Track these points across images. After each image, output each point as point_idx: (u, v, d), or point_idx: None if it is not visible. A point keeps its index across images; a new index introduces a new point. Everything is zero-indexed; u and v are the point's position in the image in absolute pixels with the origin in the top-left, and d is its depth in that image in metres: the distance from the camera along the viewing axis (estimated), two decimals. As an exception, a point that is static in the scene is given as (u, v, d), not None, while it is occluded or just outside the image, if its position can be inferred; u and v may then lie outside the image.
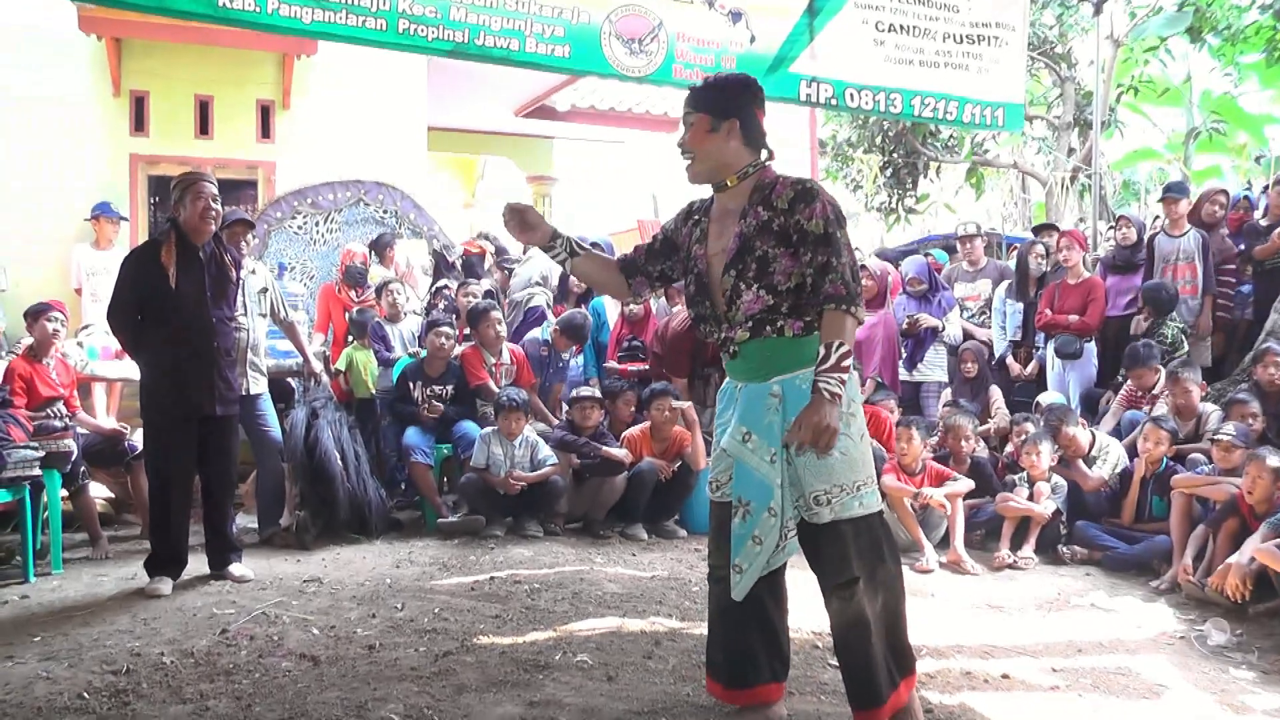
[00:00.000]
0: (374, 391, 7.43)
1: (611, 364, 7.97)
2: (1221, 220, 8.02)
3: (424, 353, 7.24)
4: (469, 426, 7.00)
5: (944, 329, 7.89)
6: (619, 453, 6.70)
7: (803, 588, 5.39)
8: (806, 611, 4.92)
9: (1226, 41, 12.36)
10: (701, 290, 3.28)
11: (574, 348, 7.79)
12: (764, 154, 3.27)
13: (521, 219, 3.50)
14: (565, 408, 7.33)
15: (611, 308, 8.26)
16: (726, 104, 3.24)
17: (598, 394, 7.09)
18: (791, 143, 9.33)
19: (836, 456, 3.02)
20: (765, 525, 3.11)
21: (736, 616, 3.38)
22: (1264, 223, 8.16)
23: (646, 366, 7.70)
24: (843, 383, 2.98)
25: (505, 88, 11.84)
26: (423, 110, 10.75)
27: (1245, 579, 4.93)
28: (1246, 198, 9.13)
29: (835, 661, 4.12)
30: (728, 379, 3.35)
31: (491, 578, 5.44)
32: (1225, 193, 8.36)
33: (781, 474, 3.09)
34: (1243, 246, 8.12)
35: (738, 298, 3.15)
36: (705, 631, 4.48)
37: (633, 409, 7.17)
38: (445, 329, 7.10)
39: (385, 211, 9.79)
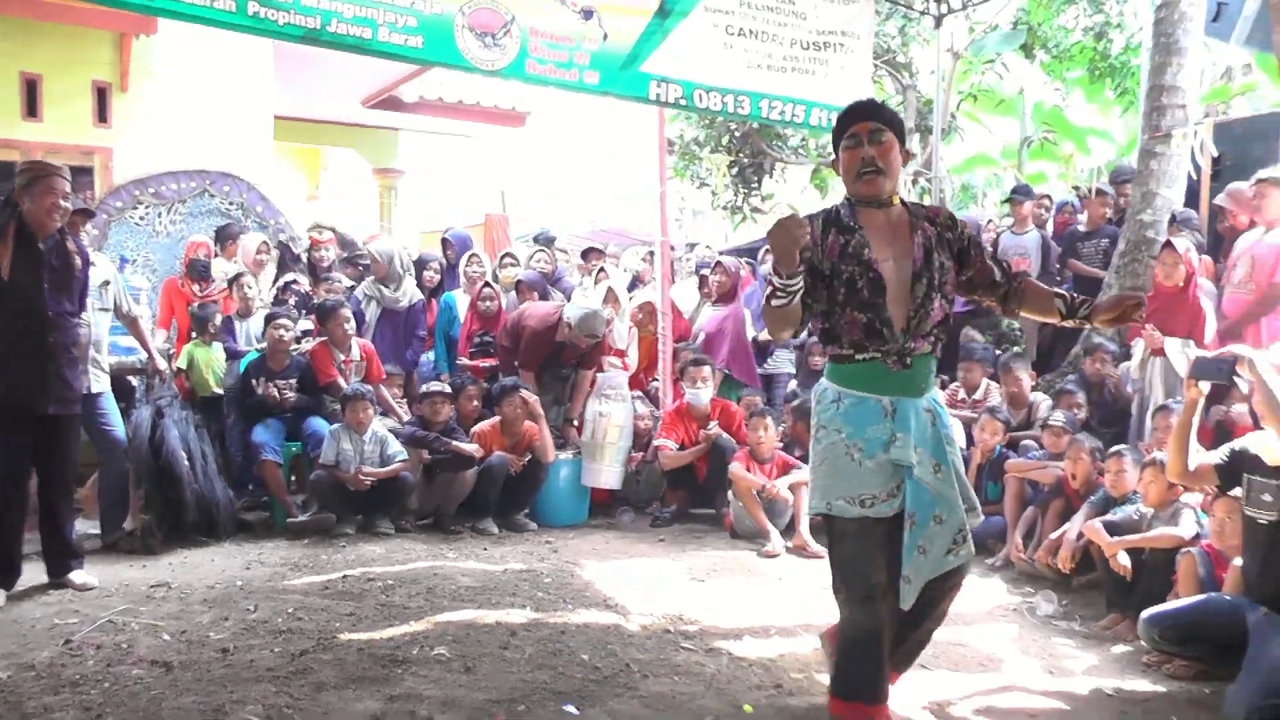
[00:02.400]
0: (220, 389, 7.22)
1: (463, 360, 7.96)
2: (1045, 223, 8.47)
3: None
4: (318, 424, 6.88)
5: None
6: (469, 447, 6.70)
7: (656, 573, 5.59)
8: (659, 597, 5.09)
9: (1055, 58, 13.25)
10: (877, 294, 3.21)
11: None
12: None
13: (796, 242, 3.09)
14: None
15: (462, 302, 8.24)
16: (902, 131, 3.35)
17: (448, 389, 7.07)
18: (640, 141, 9.46)
19: (961, 469, 3.26)
20: (930, 534, 3.18)
21: (884, 634, 3.33)
22: (1083, 229, 8.65)
23: (497, 362, 7.72)
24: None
25: (353, 77, 11.59)
26: (269, 98, 10.45)
27: (1074, 553, 5.28)
28: (1070, 203, 9.66)
29: (710, 646, 4.33)
30: (858, 389, 3.27)
31: (344, 576, 5.38)
32: (1049, 197, 8.84)
33: (951, 485, 3.21)
34: (1062, 249, 8.61)
35: (927, 306, 3.21)
36: (561, 620, 4.61)
37: (474, 403, 7.19)
38: (284, 321, 6.97)
39: (231, 203, 9.51)
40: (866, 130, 3.24)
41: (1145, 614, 4.27)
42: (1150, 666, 4.27)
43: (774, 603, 5.11)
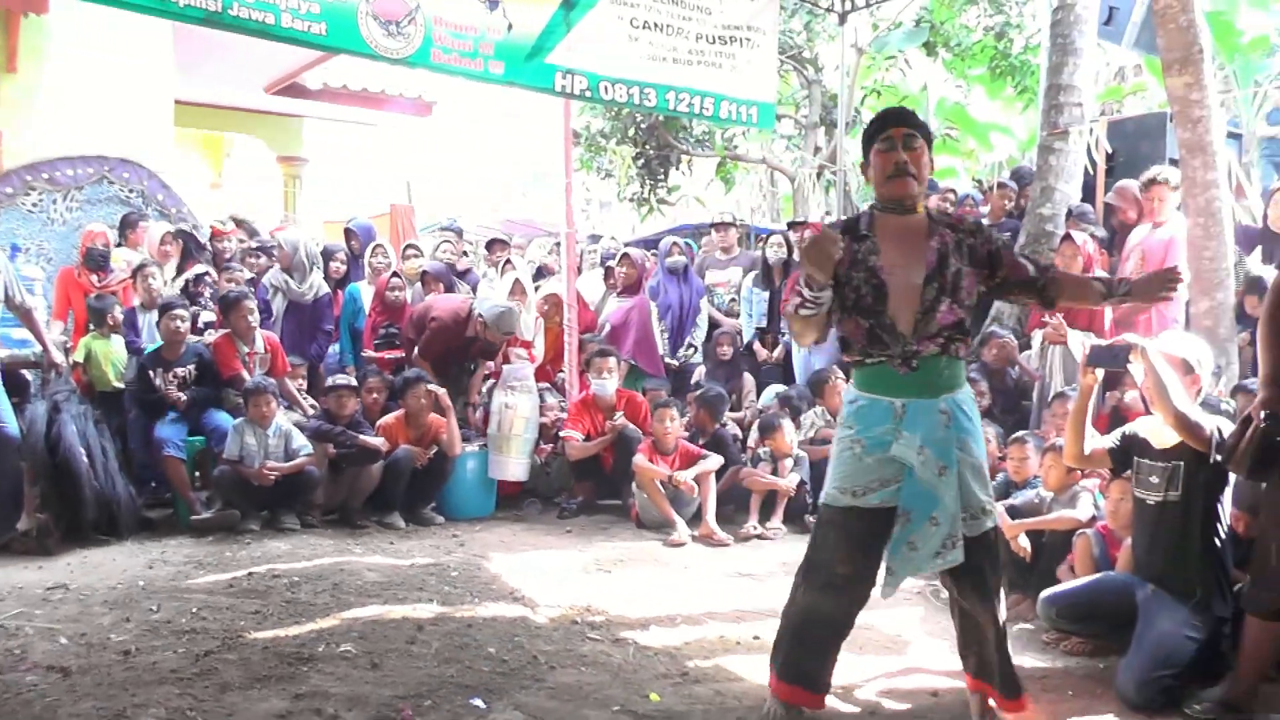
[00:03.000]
0: (121, 383, 7.05)
1: (369, 352, 7.89)
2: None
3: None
4: (221, 418, 6.77)
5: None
6: (375, 441, 6.65)
7: (563, 565, 5.63)
8: (566, 589, 5.13)
9: (957, 56, 13.61)
10: (879, 301, 3.29)
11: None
12: None
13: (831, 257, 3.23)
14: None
15: (369, 294, 8.17)
16: (931, 139, 3.45)
17: (354, 382, 7.02)
18: (546, 132, 9.46)
19: (985, 470, 3.34)
20: (924, 533, 3.23)
21: (837, 627, 3.48)
22: (987, 221, 8.89)
23: (403, 354, 7.68)
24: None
25: (256, 63, 11.36)
26: (170, 82, 10.20)
27: None
28: (970, 196, 9.92)
29: (617, 636, 4.39)
30: (871, 392, 3.36)
31: (250, 573, 5.31)
32: (953, 190, 9.07)
33: (953, 488, 3.23)
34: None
35: (934, 309, 3.27)
36: (468, 614, 4.63)
37: (375, 395, 7.14)
38: (179, 312, 6.83)
39: (131, 190, 9.24)
40: (901, 135, 3.34)
41: (1044, 594, 4.46)
42: (1049, 644, 4.45)
43: (680, 592, 5.19)
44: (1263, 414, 3.50)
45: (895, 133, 3.34)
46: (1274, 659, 3.70)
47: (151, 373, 6.73)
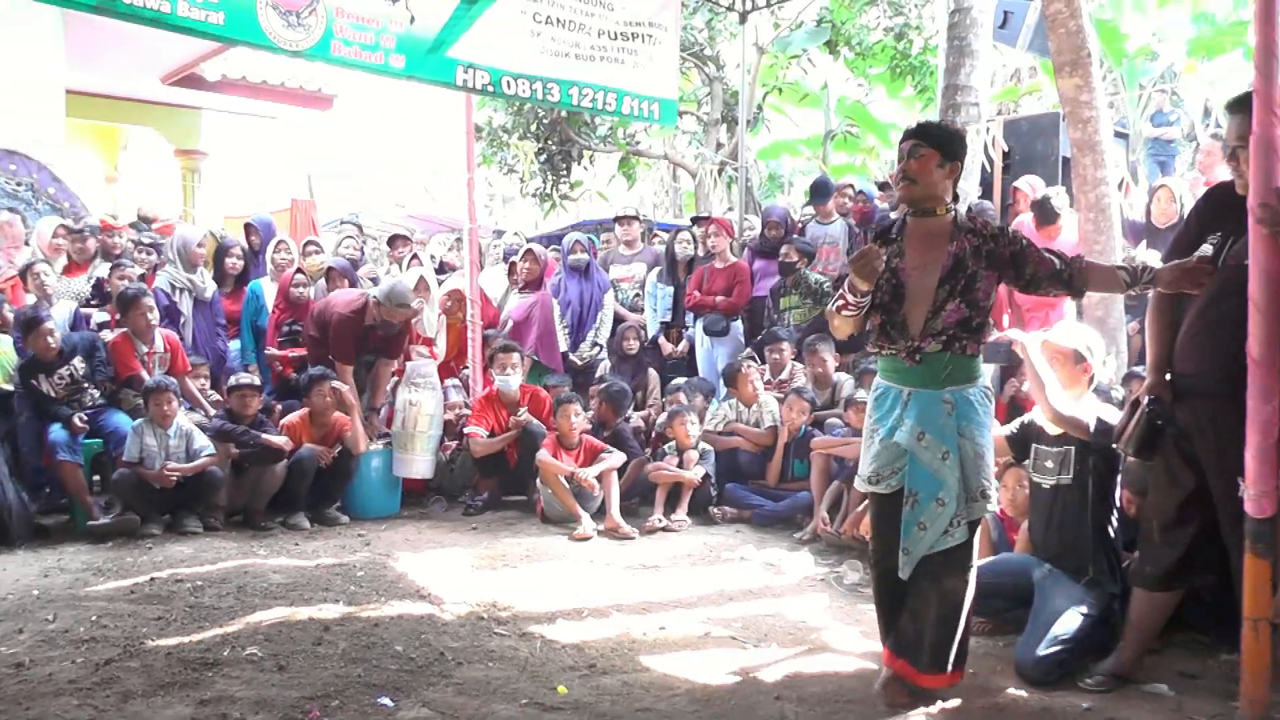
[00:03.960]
0: (10, 385, 6.82)
1: (272, 350, 7.78)
2: (849, 211, 8.87)
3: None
4: (120, 420, 6.61)
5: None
6: (278, 440, 6.57)
7: (469, 562, 5.63)
8: (473, 585, 5.15)
9: (858, 56, 13.87)
10: (897, 300, 3.64)
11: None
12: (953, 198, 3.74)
13: (876, 271, 3.59)
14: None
15: (271, 291, 8.05)
16: (953, 149, 3.69)
17: (257, 381, 6.93)
18: (448, 126, 9.41)
19: (988, 458, 3.61)
20: (931, 513, 3.55)
21: (886, 595, 3.78)
22: (894, 215, 9.07)
23: (305, 351, 7.58)
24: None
25: (152, 52, 11.07)
26: (60, 71, 9.90)
27: None
28: (863, 192, 10.12)
29: (524, 631, 4.42)
30: (885, 379, 3.73)
31: (151, 579, 5.21)
32: (852, 186, 9.26)
33: (956, 471, 3.54)
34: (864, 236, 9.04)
35: (943, 308, 3.56)
36: (375, 613, 4.64)
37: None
38: (49, 326, 6.56)
39: (19, 184, 8.98)
40: (909, 145, 3.67)
41: None
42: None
43: (586, 585, 5.23)
44: (1147, 398, 3.73)
45: (904, 145, 3.70)
46: (1157, 630, 3.92)
47: (34, 379, 6.53)
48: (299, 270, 8.01)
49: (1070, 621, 3.95)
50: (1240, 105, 3.46)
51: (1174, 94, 13.91)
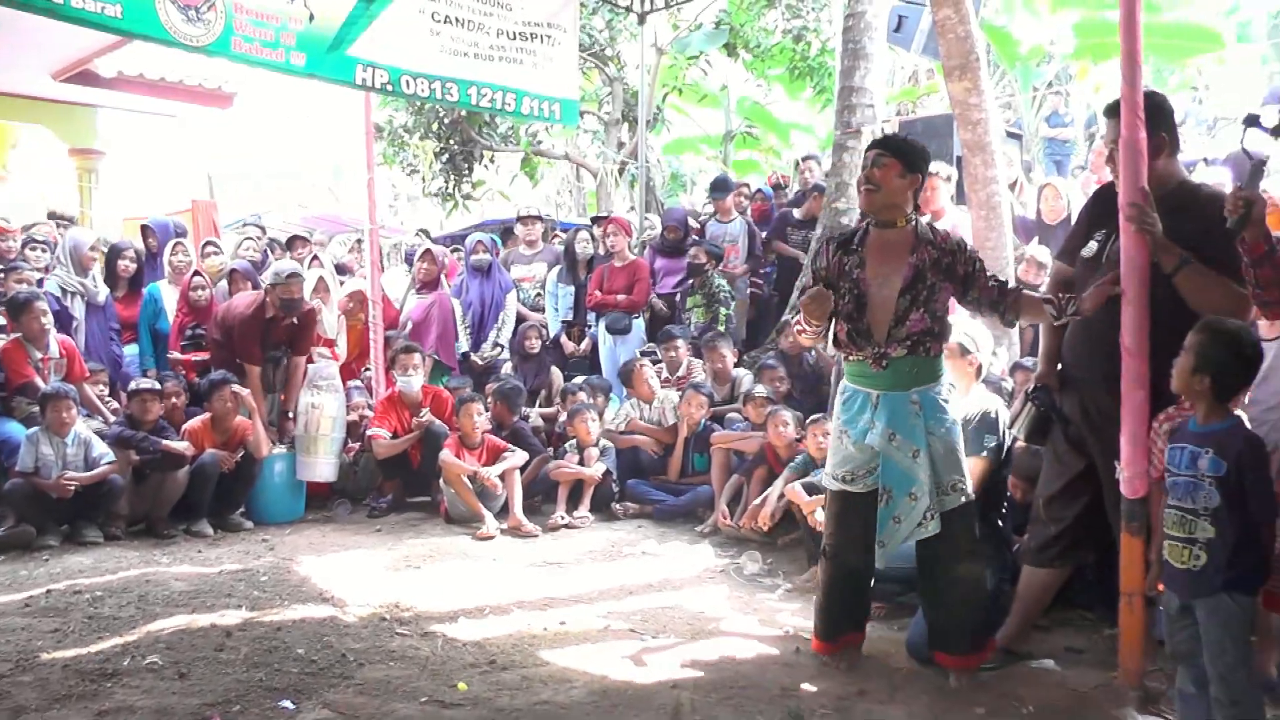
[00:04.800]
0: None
1: (174, 354, 7.68)
2: (745, 210, 9.05)
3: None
4: (13, 429, 6.46)
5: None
6: (180, 446, 6.50)
7: (373, 564, 5.66)
8: (376, 587, 5.18)
9: (757, 58, 14.08)
10: (859, 309, 3.84)
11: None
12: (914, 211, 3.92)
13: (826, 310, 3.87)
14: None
15: (169, 294, 7.93)
16: (916, 162, 3.86)
17: (157, 386, 6.83)
18: (349, 125, 9.34)
19: (957, 452, 3.82)
20: (905, 507, 3.76)
21: (848, 586, 4.03)
22: (798, 215, 9.27)
23: (209, 356, 7.50)
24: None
25: (42, 46, 10.72)
26: (-59, 64, 9.58)
27: (775, 514, 5.80)
28: (761, 191, 10.33)
29: (426, 630, 4.48)
30: (853, 383, 3.91)
31: (48, 591, 5.12)
32: (748, 185, 9.44)
33: (926, 467, 3.73)
34: (765, 234, 9.23)
35: (906, 318, 3.75)
36: (278, 618, 4.66)
37: (175, 401, 6.96)
38: None
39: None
40: (872, 155, 3.87)
41: None
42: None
43: (489, 583, 5.31)
44: (1036, 388, 3.99)
45: (869, 154, 3.90)
46: (1043, 605, 4.15)
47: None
48: (196, 273, 7.90)
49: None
50: (1115, 110, 3.67)
51: (1067, 96, 14.36)
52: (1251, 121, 3.54)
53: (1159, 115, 3.70)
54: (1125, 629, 3.66)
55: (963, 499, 3.84)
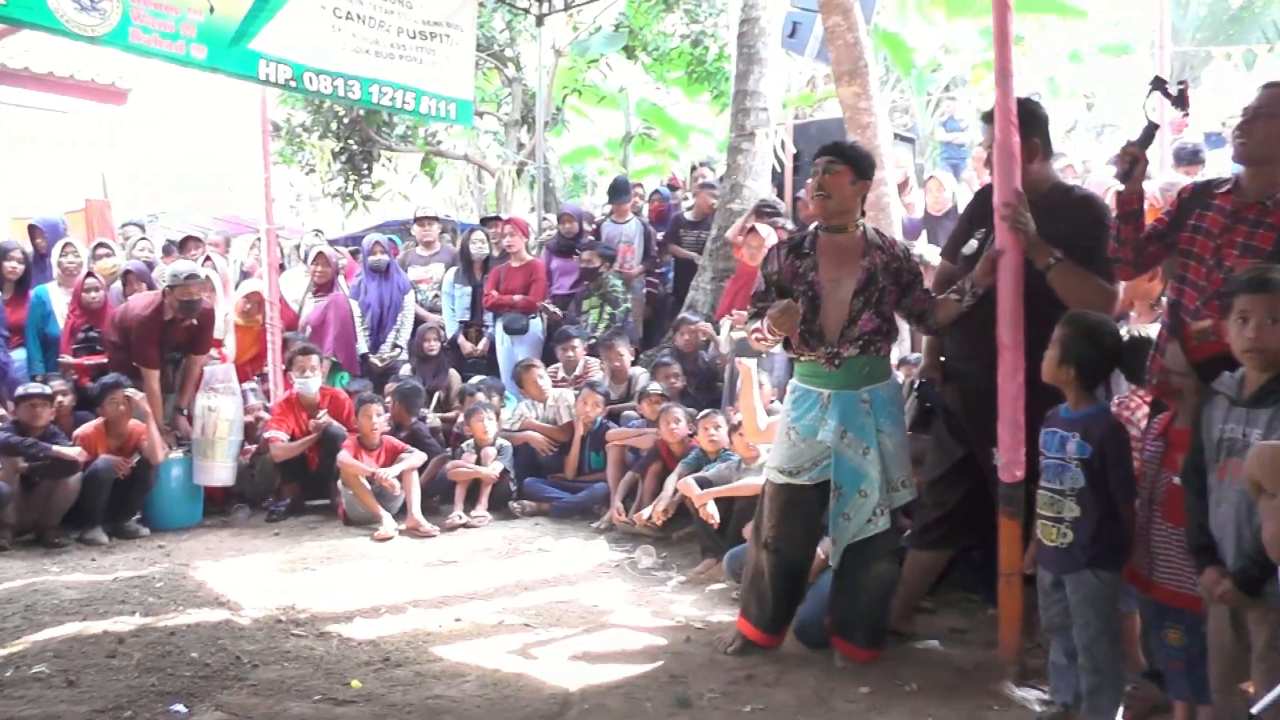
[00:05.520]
0: None
1: (66, 358, 7.51)
2: (641, 211, 9.18)
3: None
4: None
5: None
6: (71, 451, 6.38)
7: (270, 567, 5.64)
8: (273, 590, 5.19)
9: (656, 61, 14.23)
10: (813, 310, 3.92)
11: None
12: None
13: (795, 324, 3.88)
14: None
15: (59, 297, 7.75)
16: (865, 169, 3.99)
17: (47, 390, 6.68)
18: (246, 123, 9.16)
19: (905, 450, 3.95)
20: (854, 504, 3.89)
21: (789, 581, 4.08)
22: (690, 216, 9.42)
23: (105, 359, 7.36)
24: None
25: (-84, 35, 10.40)
26: None
27: (669, 509, 5.93)
28: (658, 191, 10.47)
29: (321, 630, 4.52)
30: (804, 383, 4.00)
31: (-73, 607, 4.99)
32: (641, 185, 9.58)
33: (877, 465, 3.85)
34: (663, 235, 9.37)
35: (858, 319, 3.88)
36: (172, 623, 4.65)
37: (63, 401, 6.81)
38: None
39: None
40: (823, 162, 3.97)
41: (730, 553, 5.05)
42: (739, 600, 4.77)
43: (386, 583, 5.35)
44: (920, 380, 4.19)
45: (820, 161, 4.00)
46: (925, 586, 4.37)
47: None
48: (89, 274, 7.74)
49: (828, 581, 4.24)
50: (992, 116, 3.85)
51: (964, 101, 14.73)
52: (1158, 85, 3.75)
53: (1033, 121, 3.90)
54: (1004, 607, 3.85)
55: (909, 496, 3.99)
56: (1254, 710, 2.10)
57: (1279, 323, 2.67)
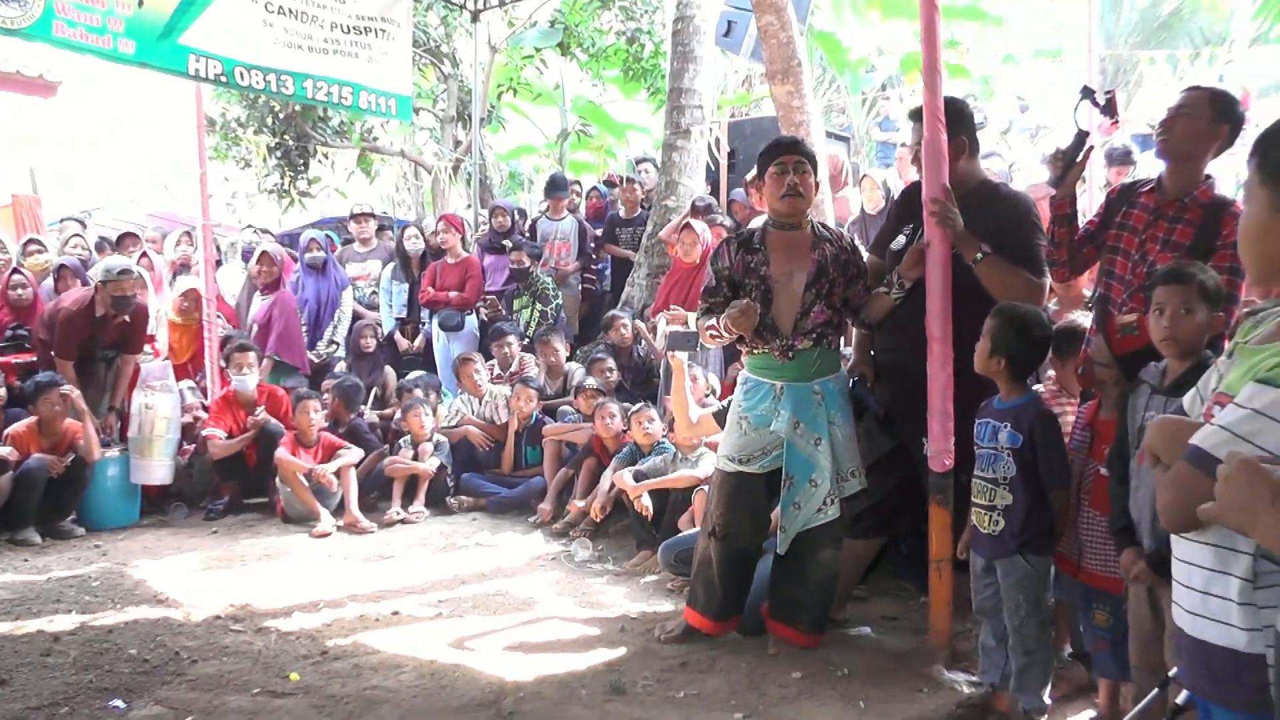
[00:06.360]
0: None
1: (-9, 357, 7.44)
2: (577, 208, 9.24)
3: None
4: None
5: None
6: (2, 451, 6.32)
7: (209, 565, 5.65)
8: (212, 587, 5.20)
9: (592, 58, 14.27)
10: (765, 304, 3.99)
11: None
12: None
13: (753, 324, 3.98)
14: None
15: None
16: (816, 164, 4.14)
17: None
18: (180, 118, 9.06)
19: (855, 441, 4.04)
20: (805, 494, 3.97)
21: (737, 568, 4.15)
22: (623, 214, 9.51)
23: (35, 357, 7.28)
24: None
25: None
26: None
27: (605, 504, 6.03)
28: (596, 188, 10.54)
29: (260, 626, 4.56)
30: (756, 375, 4.08)
31: None
32: (579, 182, 9.64)
33: (828, 455, 3.94)
34: (600, 231, 9.45)
35: (810, 310, 3.97)
36: (110, 621, 4.66)
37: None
38: None
39: None
40: (792, 161, 4.02)
41: (665, 542, 5.17)
42: (674, 591, 5.02)
43: (324, 579, 5.39)
44: (849, 375, 4.27)
45: (788, 159, 4.03)
46: (858, 574, 4.49)
47: None
48: (16, 270, 7.63)
49: (765, 570, 4.37)
50: (920, 115, 3.98)
51: (899, 100, 14.95)
52: (1086, 94, 3.93)
53: (959, 120, 4.04)
54: (934, 593, 3.98)
55: (858, 486, 4.08)
56: (1170, 674, 2.24)
57: (1192, 313, 2.81)
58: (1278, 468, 1.40)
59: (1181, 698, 2.05)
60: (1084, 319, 4.00)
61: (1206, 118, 3.50)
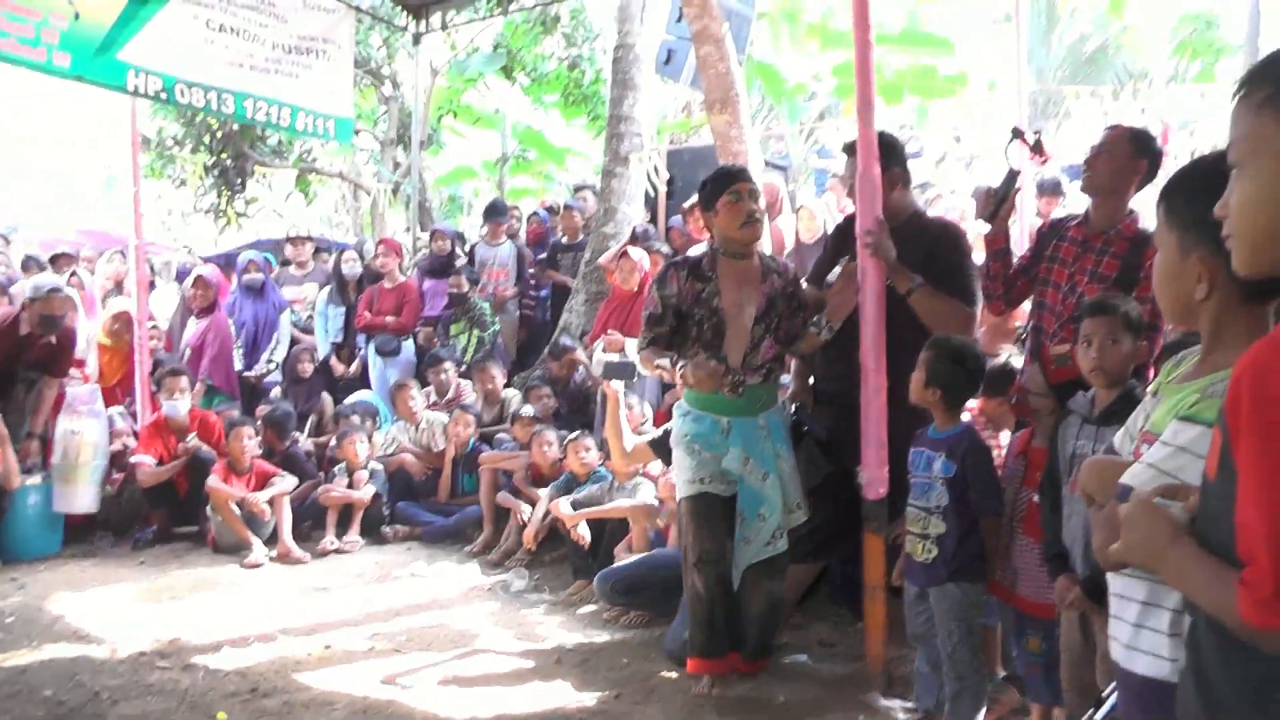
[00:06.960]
0: None
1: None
2: (517, 234, 9.21)
3: None
4: None
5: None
6: (-92, 479, 6.10)
7: (136, 598, 5.50)
8: (137, 622, 5.06)
9: (534, 83, 14.31)
10: (718, 336, 3.92)
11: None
12: None
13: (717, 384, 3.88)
14: None
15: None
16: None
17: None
18: (115, 134, 8.90)
19: (798, 473, 3.99)
20: (754, 528, 3.90)
21: (727, 595, 3.98)
22: (564, 240, 9.48)
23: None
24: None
25: None
26: None
27: (540, 532, 5.99)
28: (536, 213, 10.53)
29: (188, 662, 4.42)
30: (700, 409, 3.95)
31: None
32: (518, 207, 9.61)
33: (777, 489, 3.89)
34: (542, 256, 9.41)
35: (760, 345, 3.91)
36: (24, 660, 4.50)
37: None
38: None
39: None
40: (747, 189, 3.95)
41: (601, 572, 5.11)
42: (610, 621, 4.99)
43: (256, 612, 5.26)
44: (792, 405, 4.32)
45: (742, 187, 3.96)
46: (794, 599, 4.52)
47: None
48: (-64, 291, 7.43)
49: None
50: (854, 148, 4.04)
51: (836, 129, 15.15)
52: (1016, 134, 4.03)
53: (892, 153, 4.12)
54: (870, 619, 4.01)
55: (803, 517, 4.05)
56: (1103, 694, 2.26)
57: (1119, 343, 2.86)
58: (1174, 504, 1.42)
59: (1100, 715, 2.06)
60: (1016, 358, 4.08)
61: (1127, 154, 3.65)
